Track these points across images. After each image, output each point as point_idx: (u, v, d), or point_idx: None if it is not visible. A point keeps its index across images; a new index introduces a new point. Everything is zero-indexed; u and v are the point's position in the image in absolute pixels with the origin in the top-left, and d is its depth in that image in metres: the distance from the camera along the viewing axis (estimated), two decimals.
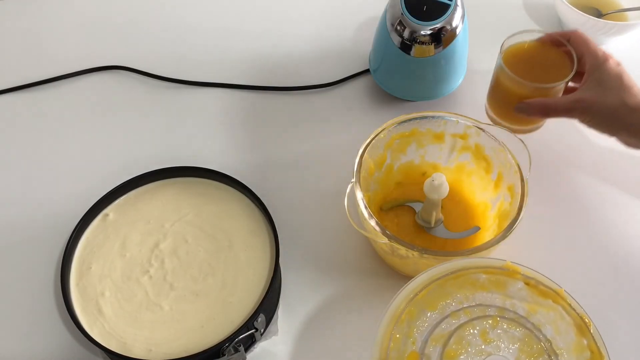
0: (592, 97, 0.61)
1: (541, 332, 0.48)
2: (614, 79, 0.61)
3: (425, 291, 0.51)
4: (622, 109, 0.60)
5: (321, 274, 0.65)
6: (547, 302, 0.50)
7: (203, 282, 0.60)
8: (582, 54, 0.64)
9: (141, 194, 0.66)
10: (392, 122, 0.64)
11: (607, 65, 0.61)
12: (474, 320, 0.49)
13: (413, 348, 0.48)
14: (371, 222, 0.57)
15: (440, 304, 0.50)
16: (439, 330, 0.48)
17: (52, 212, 0.69)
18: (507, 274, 0.52)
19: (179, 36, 0.88)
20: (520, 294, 0.50)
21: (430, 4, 0.69)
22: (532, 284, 0.51)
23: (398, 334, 0.49)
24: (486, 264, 0.52)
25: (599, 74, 0.61)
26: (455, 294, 0.50)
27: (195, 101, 0.80)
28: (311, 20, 0.90)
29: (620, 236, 0.68)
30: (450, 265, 0.52)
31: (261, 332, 0.58)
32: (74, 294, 0.59)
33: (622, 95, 0.60)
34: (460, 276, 0.52)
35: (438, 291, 0.51)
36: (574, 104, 0.62)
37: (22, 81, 0.81)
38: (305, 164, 0.74)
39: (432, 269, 0.52)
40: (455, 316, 0.49)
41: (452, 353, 0.47)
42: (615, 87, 0.60)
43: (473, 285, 0.51)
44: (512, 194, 0.61)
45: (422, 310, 0.50)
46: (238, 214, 0.64)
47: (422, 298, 0.50)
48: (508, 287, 0.51)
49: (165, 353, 0.56)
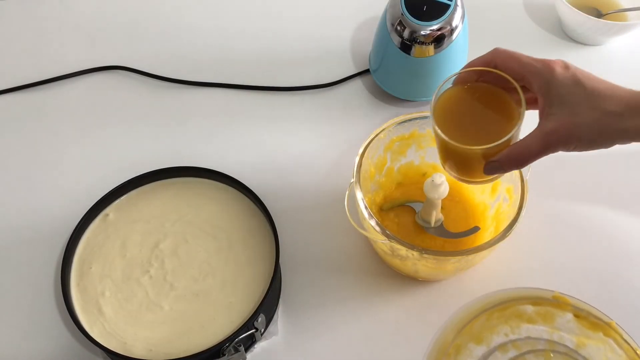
0: (564, 123, 0.48)
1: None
2: (575, 89, 0.48)
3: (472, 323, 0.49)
4: (606, 120, 0.47)
5: (321, 274, 0.65)
6: (598, 335, 0.48)
7: (203, 282, 0.60)
8: (519, 75, 0.50)
9: (141, 194, 0.66)
10: (392, 122, 0.64)
11: (557, 75, 0.48)
12: (525, 355, 0.47)
13: None
14: (371, 222, 0.57)
15: (486, 337, 0.48)
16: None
17: (52, 212, 0.69)
18: (556, 306, 0.50)
19: (179, 36, 0.88)
20: (569, 326, 0.49)
21: (430, 4, 0.69)
22: (582, 316, 0.49)
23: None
24: (534, 294, 0.50)
25: (554, 90, 0.48)
26: (501, 326, 0.49)
27: (195, 101, 0.80)
28: (311, 20, 0.90)
29: (620, 236, 0.68)
30: (498, 297, 0.50)
31: (261, 332, 0.58)
32: (74, 294, 0.59)
33: (597, 104, 0.47)
34: (507, 308, 0.50)
35: (485, 324, 0.49)
36: (547, 140, 0.49)
37: (22, 81, 0.81)
38: (305, 164, 0.74)
39: (477, 299, 0.50)
40: (503, 349, 0.47)
41: None
42: (583, 99, 0.48)
43: (519, 318, 0.49)
44: (511, 195, 0.61)
45: (469, 343, 0.48)
46: (238, 214, 0.64)
47: (468, 331, 0.49)
48: (556, 319, 0.49)
49: (165, 353, 0.56)
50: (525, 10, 0.91)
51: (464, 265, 0.59)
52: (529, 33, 0.88)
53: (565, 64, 0.49)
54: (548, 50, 0.85)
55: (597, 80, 0.48)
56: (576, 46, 0.86)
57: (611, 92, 0.48)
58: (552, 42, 0.87)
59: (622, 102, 0.47)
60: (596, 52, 0.86)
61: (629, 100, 0.47)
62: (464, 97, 0.53)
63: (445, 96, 0.53)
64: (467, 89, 0.53)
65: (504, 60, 0.51)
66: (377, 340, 0.61)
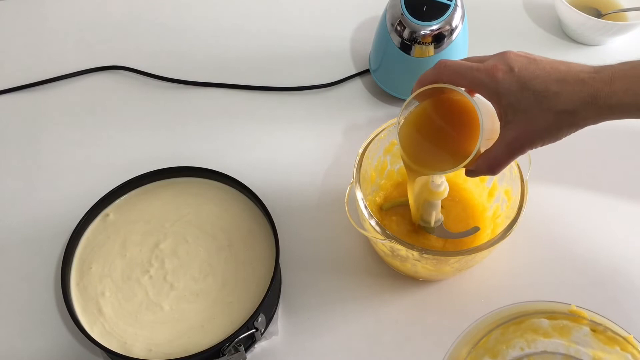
0: (522, 131, 0.48)
1: None
2: (523, 94, 0.47)
3: (487, 337, 0.48)
4: (560, 120, 0.47)
5: (321, 274, 0.65)
6: (615, 350, 0.48)
7: (203, 282, 0.60)
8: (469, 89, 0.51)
9: (141, 194, 0.66)
10: (392, 122, 0.64)
11: (502, 82, 0.48)
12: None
13: None
14: (371, 222, 0.57)
15: (502, 350, 0.48)
16: None
17: (53, 212, 0.69)
18: (572, 319, 0.49)
19: (179, 36, 0.88)
20: (586, 340, 0.48)
21: (430, 4, 0.69)
22: (599, 330, 0.49)
23: None
24: (550, 308, 0.50)
25: (505, 99, 0.48)
26: (517, 340, 0.48)
27: (195, 101, 0.80)
28: (311, 20, 0.90)
29: (621, 236, 0.68)
30: (513, 310, 0.50)
31: (261, 332, 0.58)
32: (74, 294, 0.59)
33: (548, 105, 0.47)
34: (522, 321, 0.49)
35: (500, 337, 0.48)
36: (511, 148, 0.49)
37: (22, 81, 0.81)
38: (305, 164, 0.74)
39: (493, 312, 0.50)
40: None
41: None
42: (533, 103, 0.47)
43: (535, 332, 0.49)
44: (509, 197, 0.62)
45: (484, 357, 0.48)
46: (238, 214, 0.64)
47: (483, 345, 0.48)
48: (572, 334, 0.48)
49: (165, 353, 0.56)
50: (525, 10, 0.91)
51: (464, 265, 0.59)
52: (528, 33, 0.88)
53: (510, 67, 0.48)
54: (548, 50, 0.85)
55: (542, 77, 0.47)
56: (576, 46, 0.86)
57: (559, 87, 0.47)
58: (552, 42, 0.87)
59: (572, 99, 0.46)
60: (596, 52, 0.86)
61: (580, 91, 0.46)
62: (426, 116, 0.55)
63: (410, 117, 0.54)
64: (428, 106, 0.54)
65: (450, 77, 0.51)
66: (377, 340, 0.61)
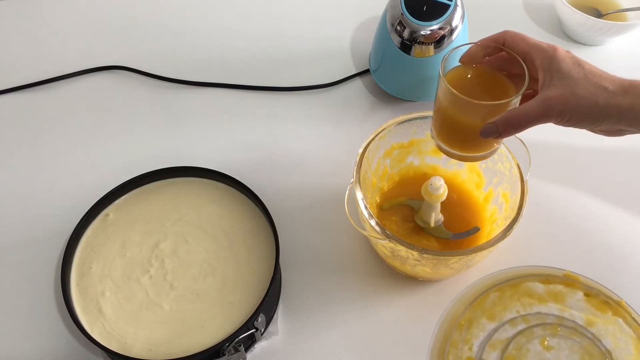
0: (562, 91, 0.52)
1: (601, 342, 0.47)
2: (575, 67, 0.52)
3: (483, 297, 0.50)
4: (600, 94, 0.51)
5: (321, 274, 0.65)
6: (607, 315, 0.49)
7: (203, 282, 0.60)
8: (524, 52, 0.54)
9: (141, 194, 0.66)
10: (392, 122, 0.64)
11: (559, 54, 0.53)
12: (533, 328, 0.48)
13: (469, 354, 0.47)
14: (371, 222, 0.57)
15: (498, 312, 0.49)
16: (496, 336, 0.48)
17: (52, 212, 0.69)
18: (566, 284, 0.50)
19: (179, 36, 0.88)
20: (579, 305, 0.49)
21: (430, 4, 0.69)
22: (592, 294, 0.50)
23: (456, 338, 0.48)
24: (545, 272, 0.51)
25: (556, 65, 0.53)
26: (513, 304, 0.50)
27: (195, 101, 0.80)
28: (311, 20, 0.90)
29: (621, 236, 0.68)
30: (508, 273, 0.51)
31: (261, 332, 0.58)
32: (74, 294, 0.59)
33: (594, 81, 0.52)
34: (517, 285, 0.50)
35: (496, 300, 0.50)
36: (545, 105, 0.52)
37: (22, 81, 0.81)
38: (305, 164, 0.74)
39: (489, 276, 0.51)
40: (513, 323, 0.48)
41: (511, 358, 0.47)
42: (581, 75, 0.52)
43: (531, 297, 0.50)
44: (507, 199, 0.62)
45: (479, 317, 0.49)
46: (238, 214, 0.64)
47: (480, 305, 0.50)
48: (567, 299, 0.50)
49: (165, 353, 0.56)
50: (525, 10, 0.91)
51: (464, 265, 0.59)
52: (528, 33, 0.85)
53: (568, 50, 0.54)
54: None
55: (595, 66, 0.53)
56: (576, 46, 0.86)
57: (607, 75, 0.53)
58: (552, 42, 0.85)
59: (615, 82, 0.52)
60: (596, 52, 0.86)
61: (622, 82, 0.52)
62: (468, 77, 0.56)
63: (451, 73, 0.56)
64: (471, 70, 0.56)
65: (512, 38, 0.55)
66: (377, 340, 0.61)
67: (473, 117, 0.54)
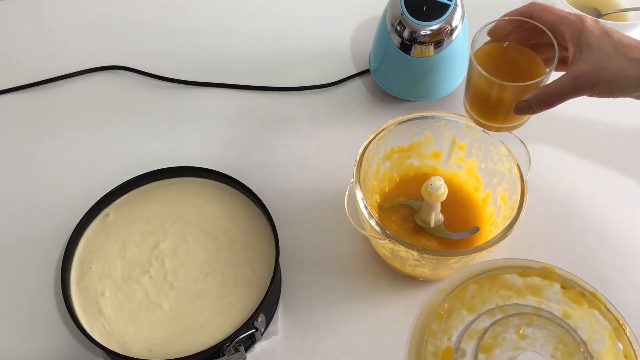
0: (593, 66, 0.54)
1: (577, 333, 0.48)
2: (604, 39, 0.54)
3: (462, 288, 0.51)
4: (631, 66, 0.53)
5: (321, 274, 0.65)
6: (583, 308, 0.50)
7: (203, 282, 0.60)
8: (552, 25, 0.56)
9: (141, 194, 0.66)
10: (392, 122, 0.64)
11: (588, 26, 0.54)
12: (509, 317, 0.49)
13: (448, 343, 0.48)
14: (371, 222, 0.57)
15: (477, 305, 0.50)
16: (474, 326, 0.49)
17: (52, 212, 0.69)
18: (544, 276, 0.51)
19: (179, 36, 0.88)
20: (556, 297, 0.50)
21: (430, 4, 0.69)
22: (569, 286, 0.51)
23: (434, 327, 0.49)
24: (522, 264, 0.52)
25: (585, 39, 0.54)
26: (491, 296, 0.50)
27: (195, 101, 0.80)
28: (311, 20, 0.90)
29: (621, 236, 0.68)
30: (486, 265, 0.52)
31: (261, 332, 0.58)
32: (74, 294, 0.59)
33: (624, 52, 0.53)
34: (496, 277, 0.51)
35: (475, 293, 0.51)
36: (577, 81, 0.54)
37: (22, 81, 0.81)
38: (305, 164, 0.74)
39: (468, 268, 0.52)
40: (490, 314, 0.49)
41: (487, 347, 0.47)
42: (610, 47, 0.53)
43: (509, 289, 0.51)
44: (505, 201, 0.62)
45: (459, 308, 0.50)
46: (238, 214, 0.64)
47: (459, 295, 0.51)
48: (544, 292, 0.50)
49: (165, 353, 0.56)
50: None
51: (464, 265, 0.59)
52: None
53: (596, 19, 0.55)
54: None
55: (623, 35, 0.54)
56: None
57: (636, 43, 0.54)
58: None
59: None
60: None
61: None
62: (498, 54, 0.58)
63: (480, 51, 0.58)
64: (500, 47, 0.58)
65: (540, 12, 0.56)
66: (377, 340, 0.61)
67: (505, 96, 0.56)
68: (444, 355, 0.48)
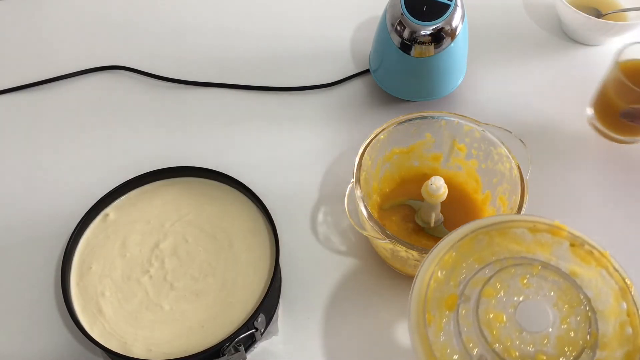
0: None
1: (582, 290, 0.48)
2: None
3: (471, 238, 0.51)
4: None
5: (321, 274, 0.65)
6: (591, 267, 0.49)
7: (203, 282, 0.60)
8: None
9: (141, 194, 0.66)
10: (392, 122, 0.64)
11: None
12: (515, 266, 0.49)
13: (453, 291, 0.48)
14: (371, 222, 0.57)
15: (485, 256, 0.50)
16: (480, 275, 0.49)
17: (52, 212, 0.69)
18: (554, 232, 0.51)
19: (179, 36, 0.88)
20: (565, 255, 0.50)
21: (430, 4, 0.69)
22: (578, 244, 0.50)
23: (440, 274, 0.49)
24: (534, 219, 0.52)
25: None
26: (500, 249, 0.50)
27: (195, 101, 0.80)
28: (311, 20, 0.90)
29: (621, 236, 0.68)
30: (497, 218, 0.52)
31: (261, 332, 0.58)
32: (74, 294, 0.59)
33: None
34: (505, 231, 0.51)
35: (484, 245, 0.51)
36: None
37: (22, 81, 0.81)
38: (306, 164, 0.74)
39: (478, 221, 0.52)
40: (497, 264, 0.49)
41: (490, 291, 0.47)
42: None
43: (518, 244, 0.50)
44: (505, 202, 0.62)
45: (466, 258, 0.50)
46: (238, 214, 0.64)
47: (467, 245, 0.51)
48: (553, 249, 0.50)
49: (165, 353, 0.56)
50: (525, 10, 0.91)
51: None
52: (529, 33, 0.88)
53: None
54: (548, 50, 0.85)
55: None
56: (576, 46, 0.86)
57: None
58: (552, 42, 0.87)
59: None
60: (596, 52, 0.86)
61: None
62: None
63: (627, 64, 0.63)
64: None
65: None
66: (377, 340, 0.61)
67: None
68: (447, 301, 0.48)
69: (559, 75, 0.83)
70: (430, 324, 0.47)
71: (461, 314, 0.47)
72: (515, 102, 0.79)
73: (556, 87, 0.81)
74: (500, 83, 0.81)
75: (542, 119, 0.78)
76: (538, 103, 0.79)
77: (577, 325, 0.46)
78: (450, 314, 0.47)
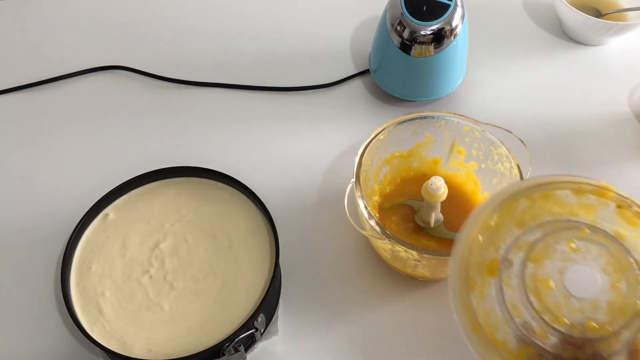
0: None
1: (630, 252, 0.46)
2: None
3: (513, 202, 0.49)
4: None
5: (321, 274, 0.65)
6: (637, 230, 0.47)
7: (203, 282, 0.60)
8: None
9: (141, 194, 0.66)
10: (392, 122, 0.64)
11: None
12: (562, 230, 0.47)
13: (495, 255, 0.47)
14: (371, 222, 0.57)
15: (527, 220, 0.48)
16: (523, 239, 0.47)
17: (52, 212, 0.69)
18: (599, 194, 0.49)
19: (179, 36, 0.88)
20: (611, 217, 0.48)
21: (430, 4, 0.69)
22: (625, 206, 0.48)
23: (481, 239, 0.48)
24: (579, 180, 0.50)
25: None
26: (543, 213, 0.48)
27: (195, 101, 0.80)
28: (311, 20, 0.90)
29: None
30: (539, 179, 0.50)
31: (261, 332, 0.58)
32: (74, 294, 0.59)
33: None
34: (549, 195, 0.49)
35: (526, 209, 0.49)
36: None
37: (22, 81, 0.81)
38: (305, 164, 0.74)
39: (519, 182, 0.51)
40: (542, 228, 0.47)
41: (537, 257, 0.46)
42: None
43: (562, 207, 0.48)
44: None
45: (508, 222, 0.48)
46: (238, 214, 0.64)
47: (509, 209, 0.49)
48: (598, 211, 0.48)
49: (165, 353, 0.56)
50: (525, 10, 0.91)
51: None
52: (528, 33, 0.88)
53: None
54: (548, 50, 0.86)
55: None
56: (576, 46, 0.86)
57: None
58: (552, 42, 0.87)
59: None
60: (596, 52, 0.86)
61: None
62: None
63: None
64: None
65: None
66: (377, 340, 0.61)
67: None
68: (489, 266, 0.46)
69: (559, 75, 0.83)
70: (472, 290, 0.46)
71: (504, 280, 0.45)
72: (515, 102, 0.79)
73: (556, 87, 0.81)
74: (500, 83, 0.81)
75: (542, 119, 0.78)
76: (538, 103, 0.79)
77: (628, 290, 0.44)
78: (492, 279, 0.46)
